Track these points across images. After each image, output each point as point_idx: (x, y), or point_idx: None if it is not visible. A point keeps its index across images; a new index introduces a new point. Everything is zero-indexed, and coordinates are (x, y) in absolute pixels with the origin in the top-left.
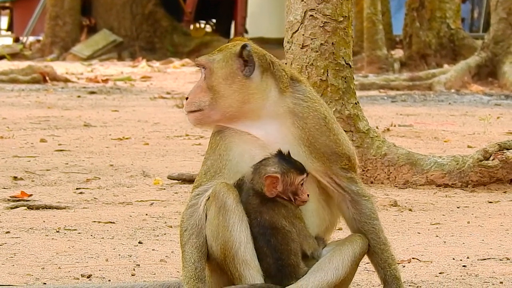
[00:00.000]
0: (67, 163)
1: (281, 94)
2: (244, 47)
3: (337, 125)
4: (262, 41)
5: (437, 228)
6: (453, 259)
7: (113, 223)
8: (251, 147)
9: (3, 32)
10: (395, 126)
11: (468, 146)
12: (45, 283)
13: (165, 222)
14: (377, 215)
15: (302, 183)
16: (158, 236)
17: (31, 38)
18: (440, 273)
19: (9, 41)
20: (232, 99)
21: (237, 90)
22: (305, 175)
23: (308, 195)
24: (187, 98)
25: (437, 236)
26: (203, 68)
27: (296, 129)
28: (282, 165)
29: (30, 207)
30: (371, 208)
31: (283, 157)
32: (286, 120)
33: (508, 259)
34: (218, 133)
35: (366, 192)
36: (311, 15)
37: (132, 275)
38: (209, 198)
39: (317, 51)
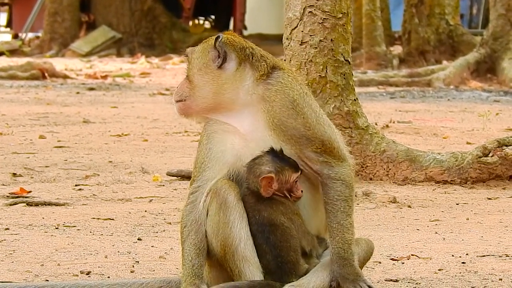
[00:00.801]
0: (66, 160)
1: (255, 83)
2: (217, 38)
3: (310, 109)
4: (261, 38)
5: (436, 224)
6: (452, 255)
7: (112, 219)
8: (231, 136)
9: (2, 29)
10: (394, 122)
11: (467, 143)
12: (47, 280)
13: (164, 219)
14: (347, 198)
15: (296, 180)
16: (157, 232)
17: (30, 35)
18: (439, 269)
19: (8, 37)
20: (206, 89)
21: (209, 81)
22: (299, 173)
23: (302, 191)
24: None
25: (436, 232)
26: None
27: (263, 114)
28: (276, 164)
29: (29, 204)
30: (340, 190)
31: (276, 155)
32: (257, 107)
33: (507, 255)
34: (205, 125)
35: (342, 176)
36: (310, 12)
37: (131, 272)
38: (208, 194)
39: (316, 48)
